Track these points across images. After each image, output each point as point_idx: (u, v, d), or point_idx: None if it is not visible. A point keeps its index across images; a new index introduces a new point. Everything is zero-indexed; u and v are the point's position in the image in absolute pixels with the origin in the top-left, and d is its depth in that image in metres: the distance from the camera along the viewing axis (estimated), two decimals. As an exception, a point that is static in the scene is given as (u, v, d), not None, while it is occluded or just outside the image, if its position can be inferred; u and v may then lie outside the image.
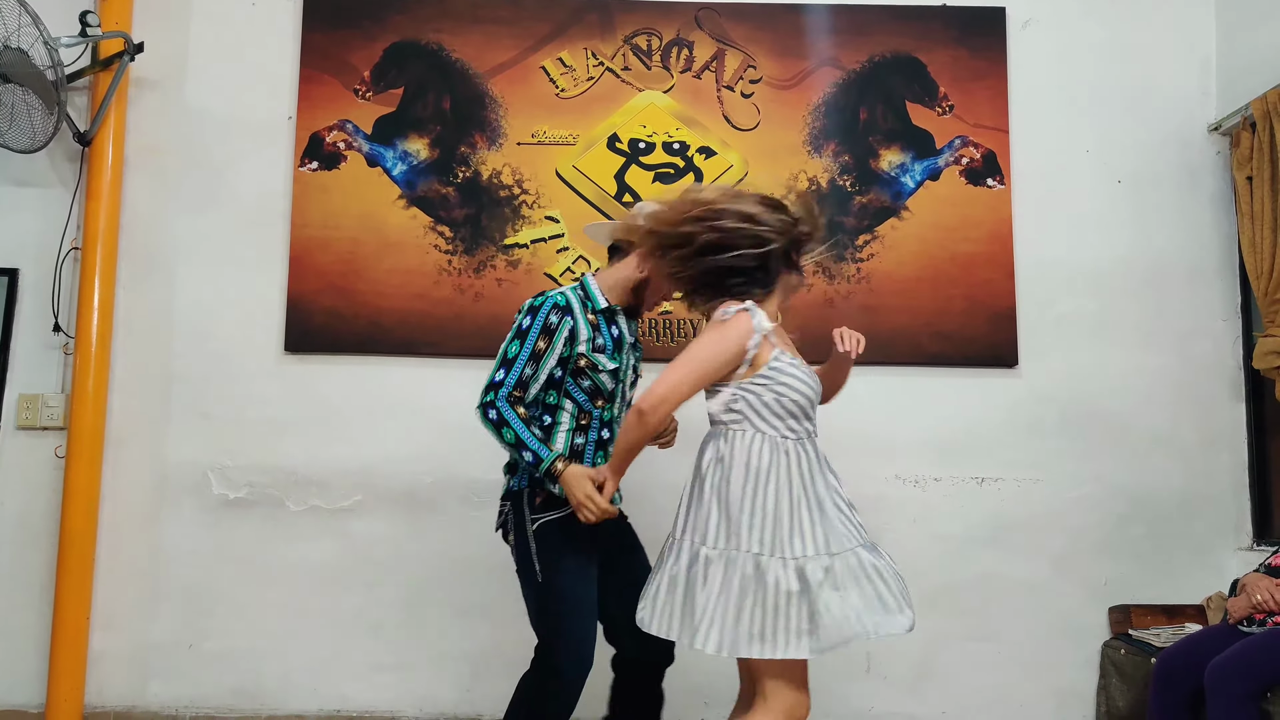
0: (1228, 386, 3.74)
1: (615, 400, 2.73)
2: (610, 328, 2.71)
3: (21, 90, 3.50)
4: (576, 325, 2.64)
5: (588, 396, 2.68)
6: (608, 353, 2.68)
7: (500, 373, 2.61)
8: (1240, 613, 3.03)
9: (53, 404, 3.69)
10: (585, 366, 2.65)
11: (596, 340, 2.67)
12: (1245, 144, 3.58)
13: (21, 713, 3.58)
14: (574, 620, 2.59)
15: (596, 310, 2.70)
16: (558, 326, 2.62)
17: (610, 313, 2.72)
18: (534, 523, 2.64)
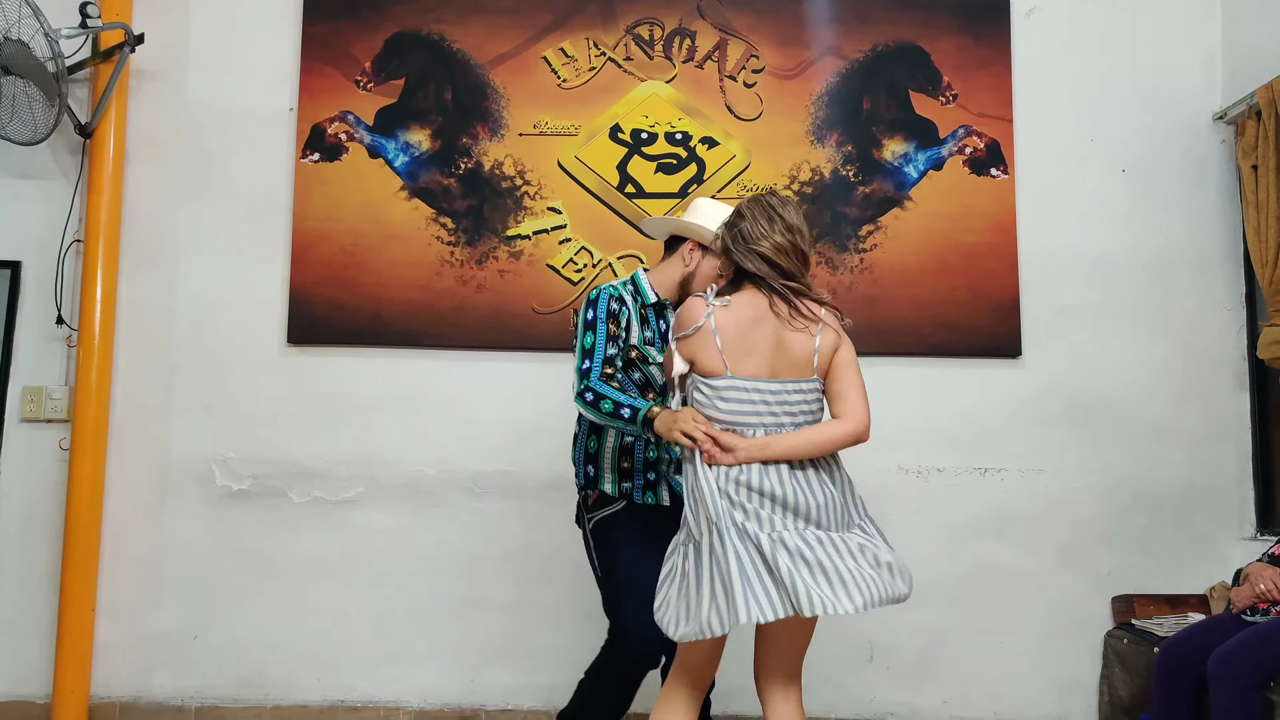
0: (1232, 376, 3.73)
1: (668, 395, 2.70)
2: (659, 322, 2.78)
3: (23, 82, 3.49)
4: (630, 315, 2.73)
5: (639, 390, 2.72)
6: (657, 346, 2.75)
7: (585, 362, 2.65)
8: (1244, 602, 3.03)
9: (56, 396, 3.69)
10: (636, 359, 2.71)
11: (646, 333, 2.75)
12: (1250, 133, 3.56)
13: (29, 703, 3.60)
14: (637, 607, 2.60)
15: (646, 304, 2.78)
16: (618, 312, 2.71)
17: (660, 307, 2.79)
18: (590, 521, 2.77)
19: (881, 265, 3.74)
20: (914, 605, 3.56)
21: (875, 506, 3.59)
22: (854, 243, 3.74)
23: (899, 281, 3.72)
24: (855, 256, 3.75)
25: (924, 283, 3.73)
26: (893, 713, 3.61)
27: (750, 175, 3.77)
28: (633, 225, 3.74)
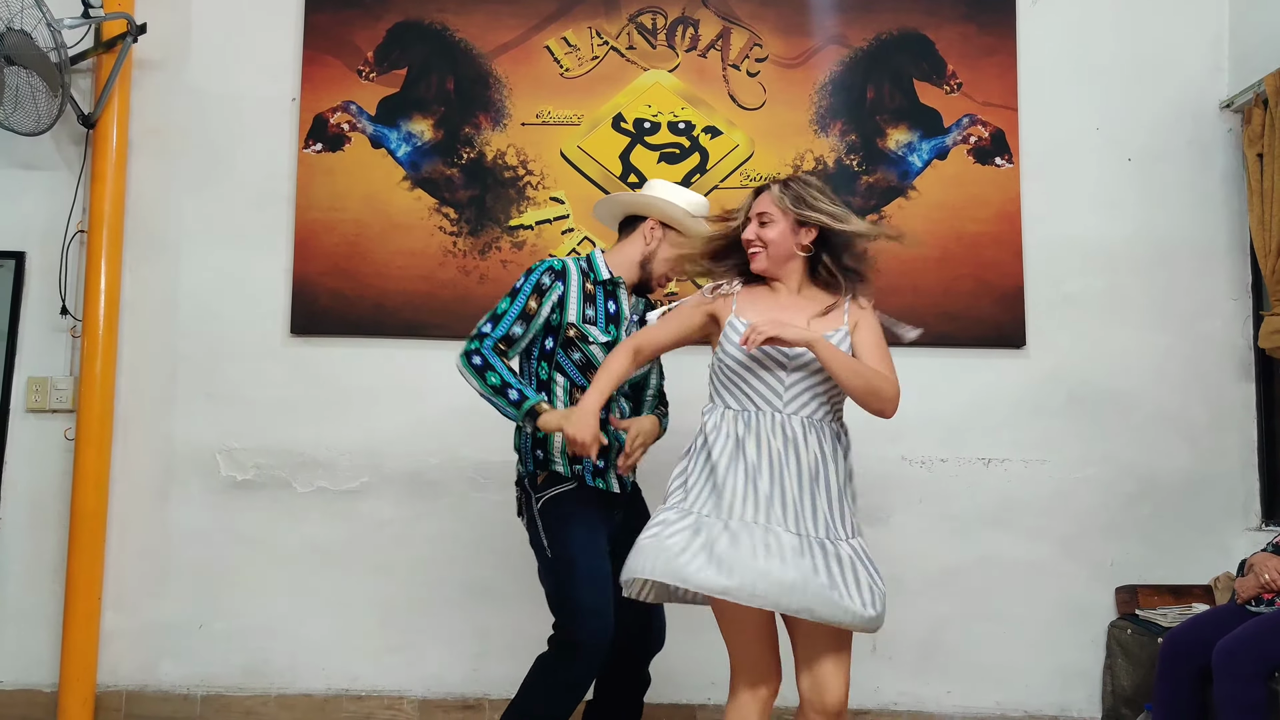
0: (1237, 366, 3.72)
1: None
2: (608, 301, 2.71)
3: (25, 73, 3.49)
4: (567, 292, 2.66)
5: (579, 370, 2.67)
6: (600, 325, 2.67)
7: (488, 325, 2.63)
8: (1248, 593, 3.03)
9: (61, 387, 3.71)
10: (575, 337, 2.65)
11: (587, 311, 2.67)
12: (1257, 121, 3.54)
13: (35, 692, 3.62)
14: (588, 590, 2.58)
15: (597, 281, 2.71)
16: (549, 288, 2.65)
17: (612, 284, 2.72)
18: (538, 500, 2.67)
19: (885, 255, 3.67)
20: (917, 595, 3.61)
21: (879, 497, 3.63)
22: (858, 232, 3.73)
23: (902, 271, 3.70)
24: (867, 262, 3.72)
25: (928, 272, 3.71)
26: (896, 703, 3.62)
27: (754, 165, 3.76)
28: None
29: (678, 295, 3.65)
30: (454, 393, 3.67)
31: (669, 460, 2.49)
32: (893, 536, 3.62)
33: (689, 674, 3.56)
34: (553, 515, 2.65)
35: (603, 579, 2.60)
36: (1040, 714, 3.60)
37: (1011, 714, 3.60)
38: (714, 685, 3.51)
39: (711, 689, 3.54)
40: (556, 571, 2.63)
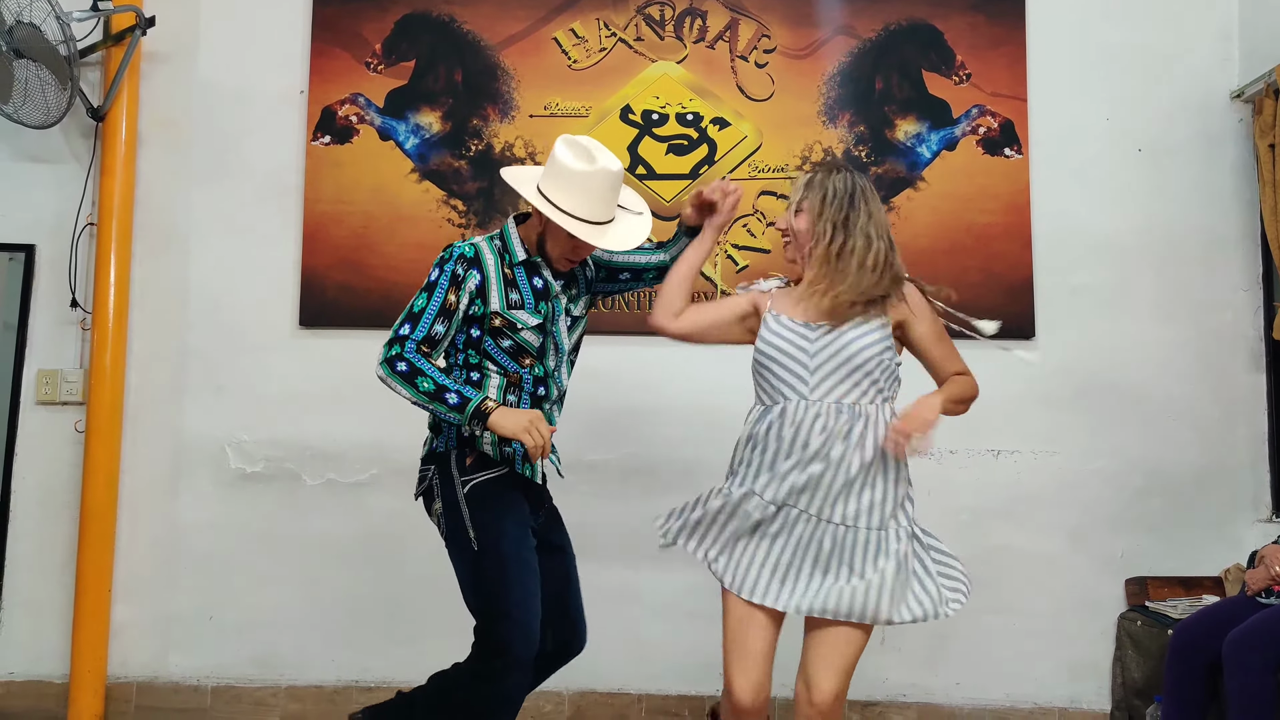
0: (1247, 357, 3.70)
1: (547, 355, 2.55)
2: (532, 279, 2.52)
3: (35, 66, 3.50)
4: (486, 281, 2.47)
5: (510, 356, 2.50)
6: (529, 308, 2.50)
7: (406, 326, 2.42)
8: (1259, 584, 3.02)
9: (71, 379, 3.72)
10: (502, 326, 2.47)
11: (511, 296, 2.49)
12: (1268, 111, 3.52)
13: (46, 683, 3.64)
14: (519, 588, 2.41)
15: (514, 263, 2.52)
16: (464, 278, 2.46)
17: (531, 265, 2.54)
18: (465, 485, 2.48)
19: (894, 246, 3.72)
20: (926, 587, 3.60)
21: (887, 488, 3.61)
22: (866, 224, 3.72)
23: (911, 263, 3.59)
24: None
25: (936, 264, 3.69)
26: (904, 694, 3.62)
27: (762, 156, 3.75)
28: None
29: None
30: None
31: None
32: (902, 528, 3.62)
33: (700, 666, 3.57)
34: (481, 503, 2.45)
35: (534, 575, 2.46)
36: (1050, 706, 3.60)
37: (1021, 705, 3.60)
38: (720, 677, 3.51)
39: (719, 680, 3.53)
40: (484, 568, 2.43)
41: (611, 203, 2.51)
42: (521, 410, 2.41)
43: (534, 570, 2.47)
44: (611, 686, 3.62)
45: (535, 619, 2.43)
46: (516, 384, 2.52)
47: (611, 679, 3.61)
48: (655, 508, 3.68)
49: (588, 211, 2.45)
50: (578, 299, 2.65)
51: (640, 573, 3.59)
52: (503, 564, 2.42)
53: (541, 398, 2.56)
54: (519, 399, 2.52)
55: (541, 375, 2.55)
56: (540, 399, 2.56)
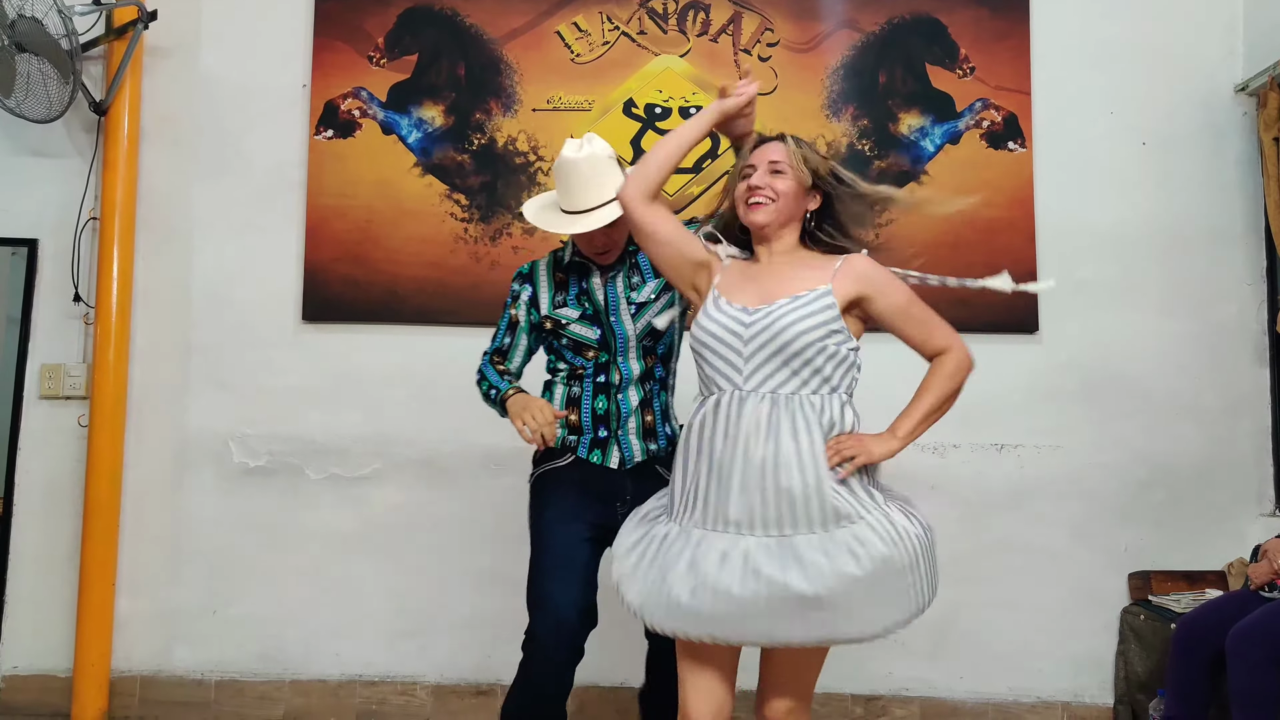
0: (1252, 352, 3.70)
1: (610, 342, 2.61)
2: (581, 279, 2.66)
3: (37, 60, 3.50)
4: (536, 291, 2.66)
5: (573, 352, 2.64)
6: (571, 304, 2.64)
7: (490, 341, 2.73)
8: (1262, 578, 3.02)
9: (75, 374, 3.72)
10: (552, 327, 2.65)
11: (558, 297, 2.66)
12: (1272, 105, 3.51)
13: (50, 677, 3.65)
14: (547, 576, 2.50)
15: (564, 265, 2.68)
16: (519, 293, 2.68)
17: (577, 265, 2.66)
18: (533, 475, 2.68)
19: (897, 240, 3.71)
20: (929, 581, 3.60)
21: (890, 482, 3.60)
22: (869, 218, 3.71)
23: (915, 256, 3.66)
24: (870, 231, 3.69)
25: (940, 257, 3.67)
26: (908, 688, 3.62)
27: (765, 150, 3.74)
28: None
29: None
30: (465, 379, 3.69)
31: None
32: (905, 522, 3.62)
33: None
34: (536, 493, 2.64)
35: (569, 565, 2.49)
36: (1053, 700, 3.60)
37: (1024, 699, 3.60)
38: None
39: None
40: (531, 555, 2.57)
41: (594, 189, 2.48)
42: (530, 397, 2.49)
43: (571, 564, 2.50)
44: (614, 681, 3.62)
45: (565, 610, 2.45)
46: (580, 377, 2.63)
47: (614, 674, 3.61)
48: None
49: (571, 202, 2.52)
50: (641, 285, 2.66)
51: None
52: (539, 554, 2.54)
53: (605, 385, 2.61)
54: (580, 388, 2.63)
55: (605, 363, 2.62)
56: (604, 386, 2.62)
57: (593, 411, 2.60)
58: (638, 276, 2.68)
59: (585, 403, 2.61)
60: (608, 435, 2.61)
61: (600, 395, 2.61)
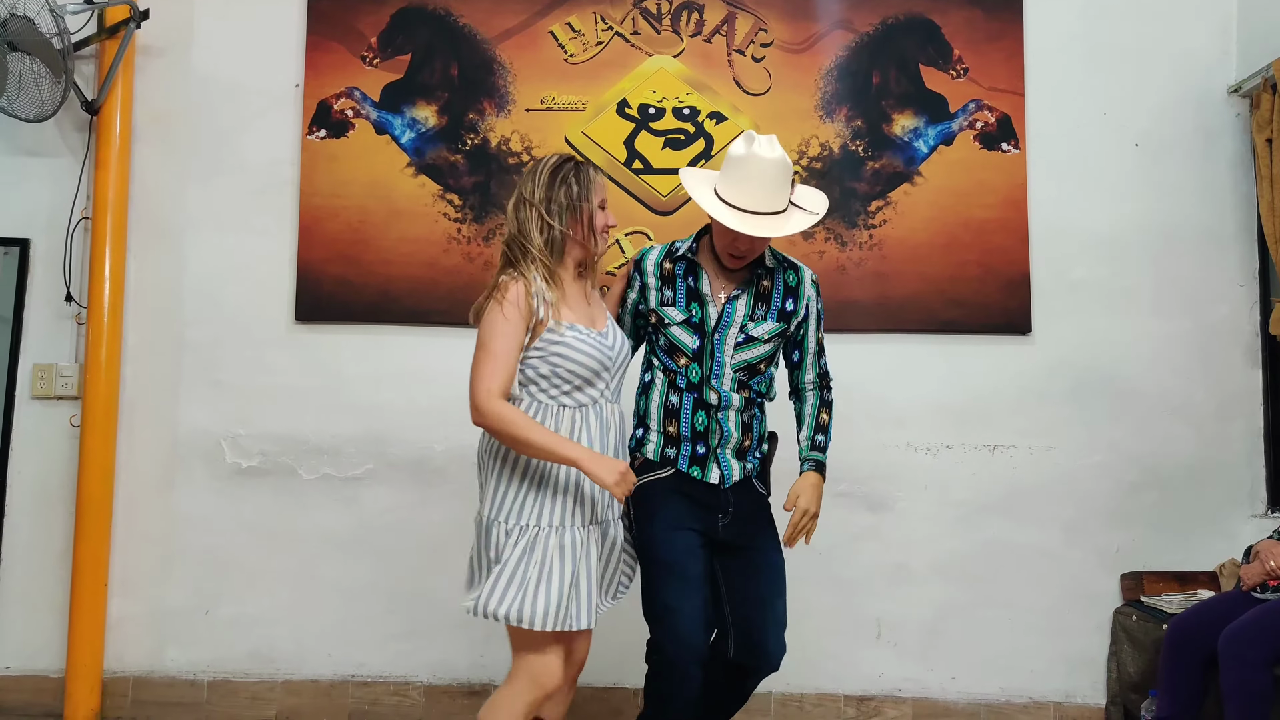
0: (1244, 353, 3.70)
1: (705, 359, 2.57)
2: (688, 278, 2.61)
3: (29, 59, 3.49)
4: (645, 278, 2.64)
5: (666, 354, 2.60)
6: (679, 305, 2.59)
7: None
8: (1254, 579, 3.03)
9: (67, 374, 3.71)
10: (655, 323, 2.62)
11: (665, 293, 2.61)
12: (1265, 106, 3.51)
13: (42, 678, 3.64)
14: (666, 592, 2.48)
15: (675, 258, 2.63)
16: (631, 277, 2.68)
17: (689, 264, 2.61)
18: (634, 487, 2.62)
19: (891, 241, 3.72)
20: (922, 582, 3.61)
21: (884, 483, 3.63)
22: (863, 219, 3.72)
23: (908, 258, 3.70)
24: (865, 233, 3.72)
25: (934, 259, 3.70)
26: (900, 689, 3.62)
27: (759, 150, 3.73)
28: (640, 201, 3.73)
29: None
30: (457, 379, 3.67)
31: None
32: (898, 523, 3.63)
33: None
34: (640, 505, 2.56)
35: (684, 580, 2.48)
36: (1045, 700, 3.60)
37: (1016, 700, 3.61)
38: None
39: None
40: (643, 569, 2.56)
41: (770, 194, 2.47)
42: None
43: (687, 575, 2.49)
44: (606, 682, 3.62)
45: (688, 621, 2.45)
46: (674, 384, 2.60)
47: (606, 674, 3.61)
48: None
49: (748, 199, 2.46)
50: (762, 321, 2.60)
51: (636, 567, 3.60)
52: (651, 568, 2.52)
53: (704, 403, 2.57)
54: (680, 400, 2.59)
55: (697, 380, 2.57)
56: (703, 404, 2.57)
57: (692, 428, 2.58)
58: (763, 309, 2.62)
59: (685, 417, 2.58)
60: (706, 452, 2.58)
61: (700, 412, 2.58)
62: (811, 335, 2.68)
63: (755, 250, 2.55)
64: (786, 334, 2.64)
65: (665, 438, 2.59)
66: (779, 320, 2.62)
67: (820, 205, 2.60)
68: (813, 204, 2.60)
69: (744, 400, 2.60)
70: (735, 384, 2.58)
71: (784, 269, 2.66)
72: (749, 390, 2.61)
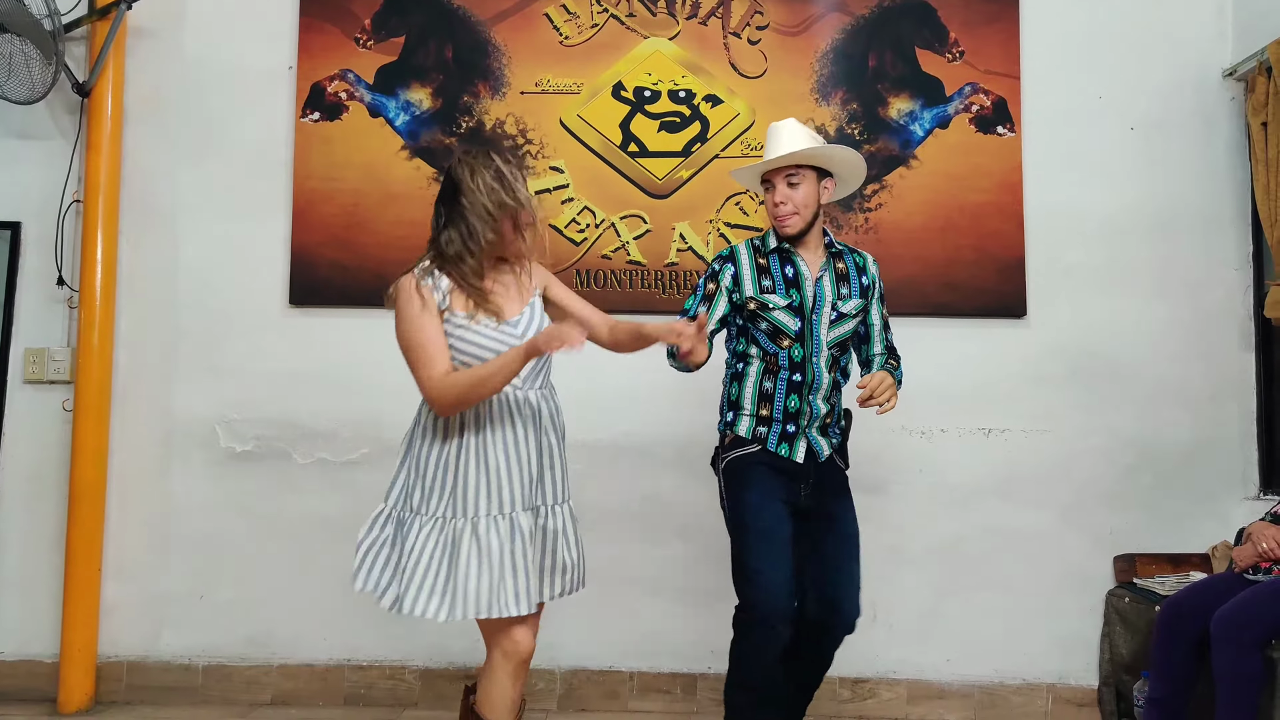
0: (1238, 336, 3.71)
1: (806, 339, 2.74)
2: (784, 266, 2.78)
3: (19, 40, 3.46)
4: (739, 270, 2.78)
5: (769, 338, 2.75)
6: (779, 291, 2.75)
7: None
8: (1246, 561, 3.04)
9: (59, 358, 3.69)
10: (756, 309, 2.74)
11: (764, 282, 2.76)
12: (1261, 89, 3.51)
13: (37, 663, 3.63)
14: (757, 554, 2.64)
15: (767, 251, 2.80)
16: (719, 271, 2.79)
17: (781, 252, 2.79)
18: (723, 460, 2.79)
19: (887, 225, 3.72)
20: (917, 564, 3.62)
21: (879, 467, 3.63)
22: (859, 202, 3.71)
23: (904, 241, 3.69)
24: (860, 216, 3.72)
25: (929, 242, 3.70)
26: (895, 671, 3.64)
27: (754, 134, 3.73)
28: (635, 184, 3.72)
29: (677, 266, 3.63)
30: (454, 363, 3.68)
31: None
32: (893, 506, 3.64)
33: (691, 644, 3.58)
34: (731, 477, 2.75)
35: (776, 541, 2.65)
36: (1039, 682, 3.62)
37: (1010, 681, 3.63)
38: (713, 654, 3.52)
39: (711, 657, 3.56)
40: (733, 534, 2.73)
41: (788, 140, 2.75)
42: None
43: (777, 538, 2.66)
44: (603, 664, 3.63)
45: (778, 582, 2.62)
46: (773, 370, 2.75)
47: (603, 657, 3.63)
48: (647, 486, 3.71)
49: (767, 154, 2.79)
50: (848, 298, 2.82)
51: (631, 550, 3.60)
52: (743, 531, 2.68)
53: (799, 384, 2.73)
54: (774, 384, 2.74)
55: (799, 360, 2.74)
56: (797, 385, 2.73)
57: (785, 410, 2.73)
58: (846, 288, 2.83)
59: (778, 400, 2.74)
60: (795, 431, 2.75)
61: (793, 394, 2.73)
62: (875, 311, 2.91)
63: (796, 205, 2.74)
64: (867, 309, 2.88)
65: (758, 419, 2.75)
66: (861, 297, 2.84)
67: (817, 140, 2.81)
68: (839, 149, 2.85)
69: (831, 380, 2.79)
70: (829, 361, 2.78)
71: (850, 253, 2.90)
72: (838, 368, 2.82)
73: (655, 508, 3.66)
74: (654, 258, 3.70)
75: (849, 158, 2.83)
